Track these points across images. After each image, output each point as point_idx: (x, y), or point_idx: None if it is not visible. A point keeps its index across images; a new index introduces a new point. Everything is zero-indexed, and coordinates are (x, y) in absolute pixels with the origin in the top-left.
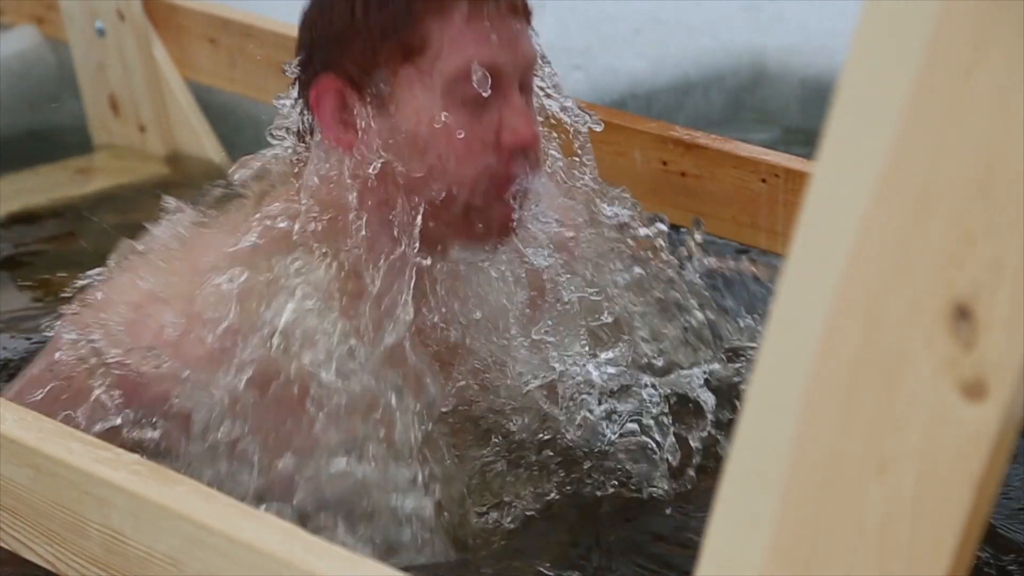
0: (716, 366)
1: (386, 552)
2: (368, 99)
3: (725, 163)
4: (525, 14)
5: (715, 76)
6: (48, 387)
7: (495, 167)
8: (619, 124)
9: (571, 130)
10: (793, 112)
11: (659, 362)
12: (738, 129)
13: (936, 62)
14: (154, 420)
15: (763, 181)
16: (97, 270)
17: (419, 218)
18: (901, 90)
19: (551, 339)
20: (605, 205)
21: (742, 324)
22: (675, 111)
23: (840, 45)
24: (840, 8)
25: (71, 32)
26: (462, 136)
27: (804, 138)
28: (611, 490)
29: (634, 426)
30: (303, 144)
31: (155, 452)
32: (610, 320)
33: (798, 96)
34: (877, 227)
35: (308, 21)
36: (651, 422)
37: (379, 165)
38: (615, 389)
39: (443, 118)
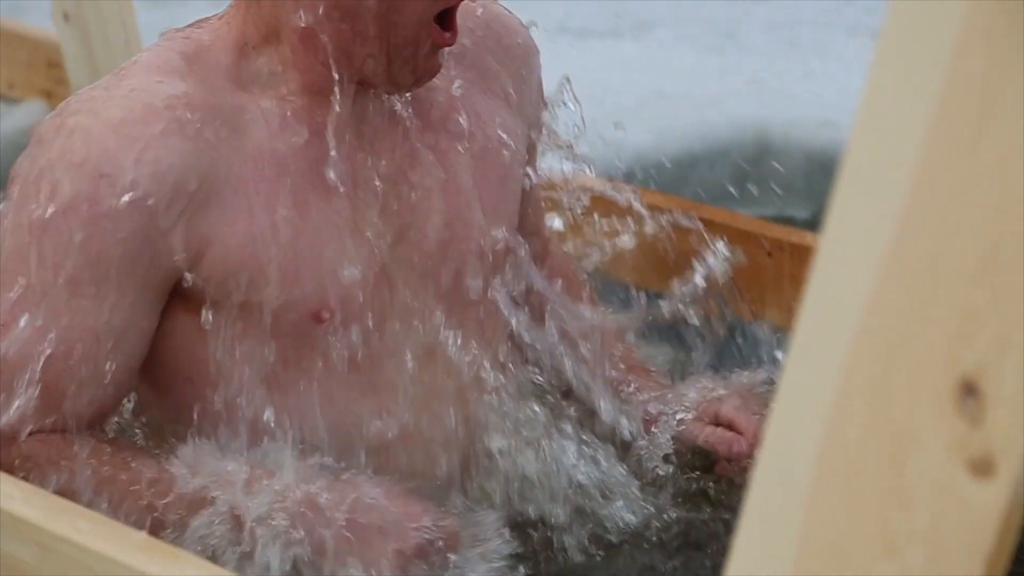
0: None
1: None
2: None
3: (730, 236)
4: None
5: (720, 150)
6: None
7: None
8: (623, 197)
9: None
10: (799, 186)
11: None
12: (744, 203)
13: (940, 137)
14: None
15: (769, 255)
16: None
17: (356, 52)
18: (906, 165)
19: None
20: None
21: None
22: (680, 184)
23: (845, 119)
24: (845, 83)
25: None
26: None
27: (810, 212)
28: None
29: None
30: None
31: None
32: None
33: (803, 170)
34: (883, 302)
35: None
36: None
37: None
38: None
39: None
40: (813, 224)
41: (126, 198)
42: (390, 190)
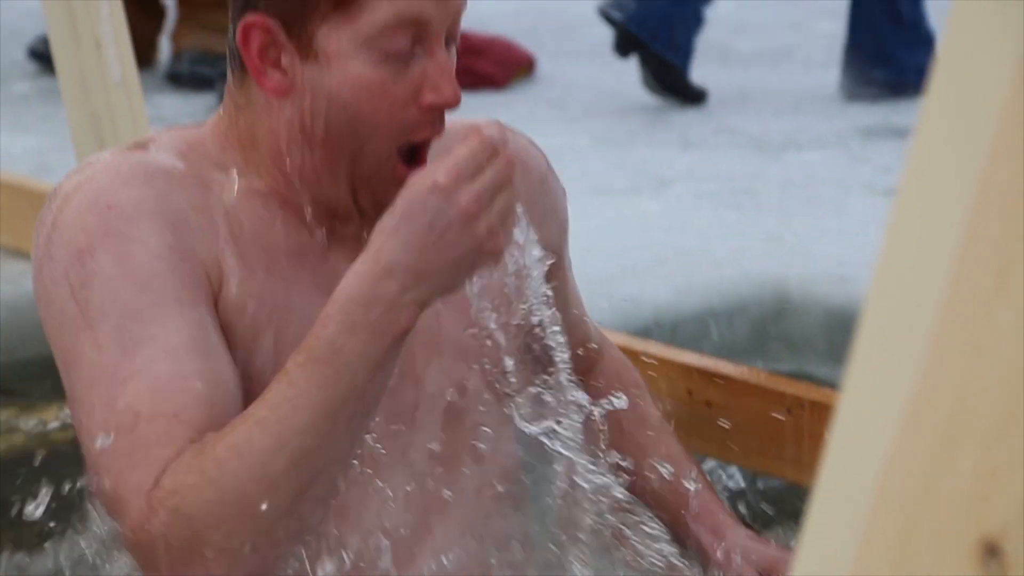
0: None
1: None
2: (293, 44)
3: (750, 393)
4: None
5: (739, 306)
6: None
7: (410, 126)
8: (644, 353)
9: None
10: (817, 342)
11: None
12: (763, 359)
13: (958, 295)
14: None
15: (788, 412)
16: None
17: (340, 171)
18: (924, 322)
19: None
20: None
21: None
22: (700, 340)
23: (863, 276)
24: (862, 240)
25: None
26: (384, 94)
27: (829, 369)
28: None
29: None
30: (232, 75)
31: None
32: None
33: (822, 326)
34: (903, 461)
35: None
36: None
37: (298, 112)
38: None
39: (365, 72)
40: (832, 381)
41: (142, 219)
42: None
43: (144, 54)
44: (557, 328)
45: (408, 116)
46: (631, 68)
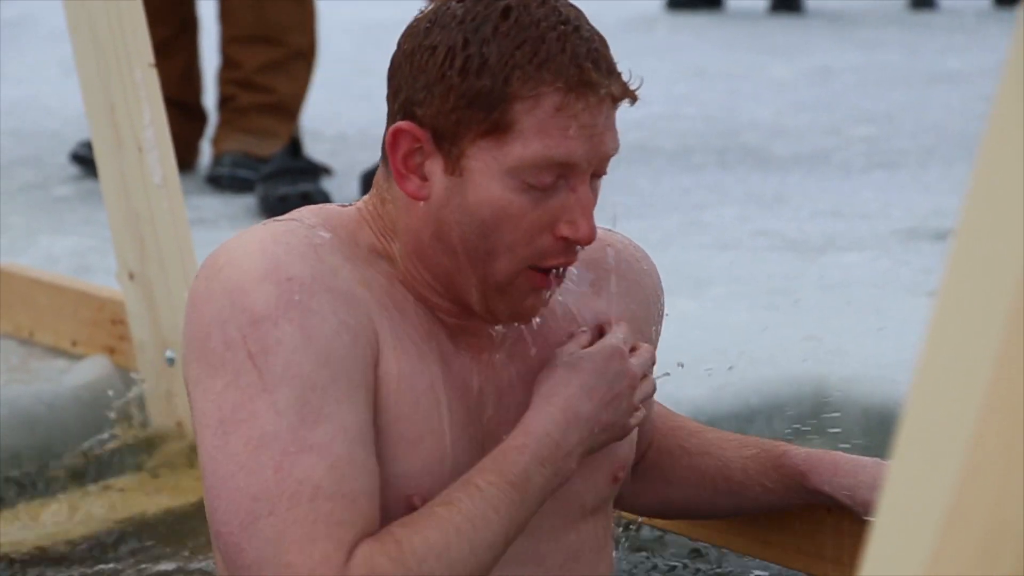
0: None
1: None
2: (440, 156)
3: None
4: (624, 98)
5: (777, 405)
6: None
7: (542, 252)
8: None
9: None
10: (857, 441)
11: None
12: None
13: (998, 396)
14: None
15: (828, 510)
16: None
17: (469, 283)
18: (965, 424)
19: None
20: None
21: None
22: None
23: (903, 377)
24: (902, 341)
25: (141, 361)
26: (520, 219)
27: None
28: None
29: None
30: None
31: None
32: None
33: (861, 426)
34: (943, 565)
35: (405, 53)
36: None
37: (434, 218)
38: None
39: (505, 195)
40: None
41: (320, 293)
42: (491, 410)
43: (185, 157)
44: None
45: (542, 243)
46: (665, 169)
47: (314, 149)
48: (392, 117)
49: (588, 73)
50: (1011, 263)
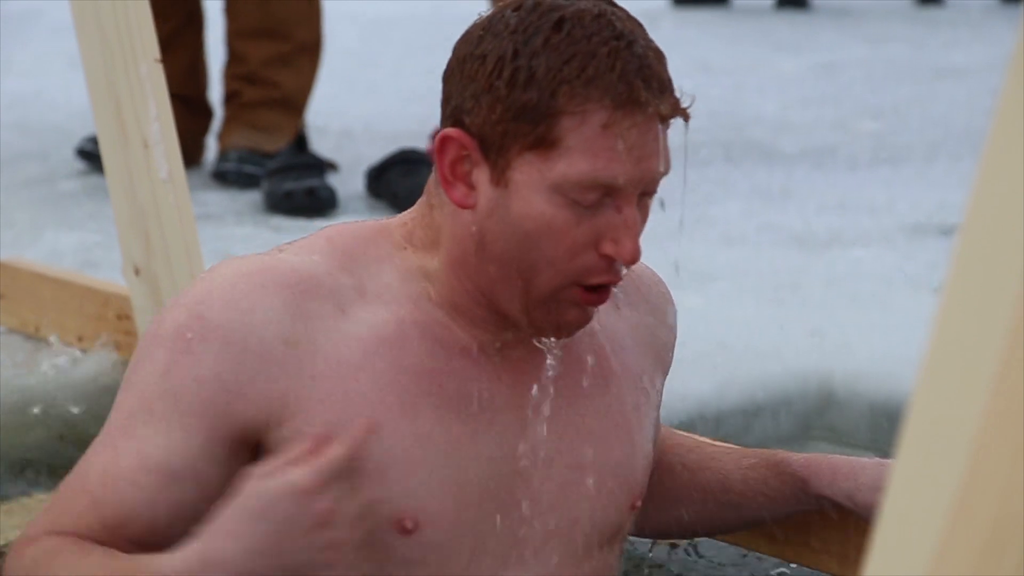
0: None
1: None
2: (487, 165)
3: None
4: (674, 116)
5: (783, 400)
6: None
7: (586, 269)
8: None
9: None
10: (862, 436)
11: None
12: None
13: (1004, 390)
14: None
15: (832, 505)
16: None
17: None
18: (970, 419)
19: None
20: None
21: None
22: (743, 434)
23: (908, 372)
24: (908, 336)
25: None
26: (564, 235)
27: None
28: None
29: None
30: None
31: None
32: None
33: (867, 421)
34: (949, 559)
35: (458, 59)
36: None
37: (479, 228)
38: None
39: (549, 210)
40: None
41: (214, 343)
42: (506, 432)
43: (191, 153)
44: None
45: (586, 260)
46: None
47: (320, 144)
48: (443, 123)
49: (637, 91)
50: (1017, 258)
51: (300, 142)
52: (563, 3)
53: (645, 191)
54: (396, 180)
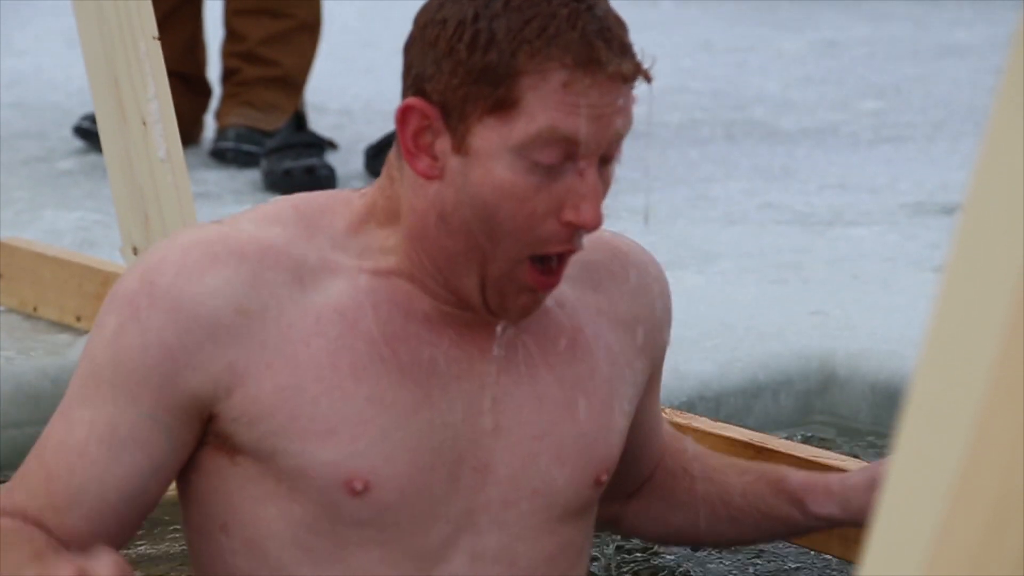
0: None
1: None
2: (450, 133)
3: (795, 467)
4: (636, 78)
5: (784, 380)
6: None
7: (546, 238)
8: (687, 426)
9: None
10: (864, 417)
11: None
12: (808, 433)
13: (1006, 370)
14: None
15: None
16: None
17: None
18: (972, 398)
19: None
20: None
21: None
22: (744, 414)
23: (910, 352)
24: (910, 316)
25: None
26: (524, 202)
27: (875, 442)
28: None
29: None
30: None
31: None
32: None
33: (869, 400)
34: (950, 538)
35: (419, 27)
36: None
37: (440, 199)
38: None
39: (508, 176)
40: (879, 455)
41: (162, 310)
42: (464, 399)
43: (189, 131)
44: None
45: (545, 228)
46: (672, 143)
47: (319, 123)
48: (404, 93)
49: (598, 50)
50: (1019, 237)
51: (299, 120)
52: None
53: (606, 154)
54: None
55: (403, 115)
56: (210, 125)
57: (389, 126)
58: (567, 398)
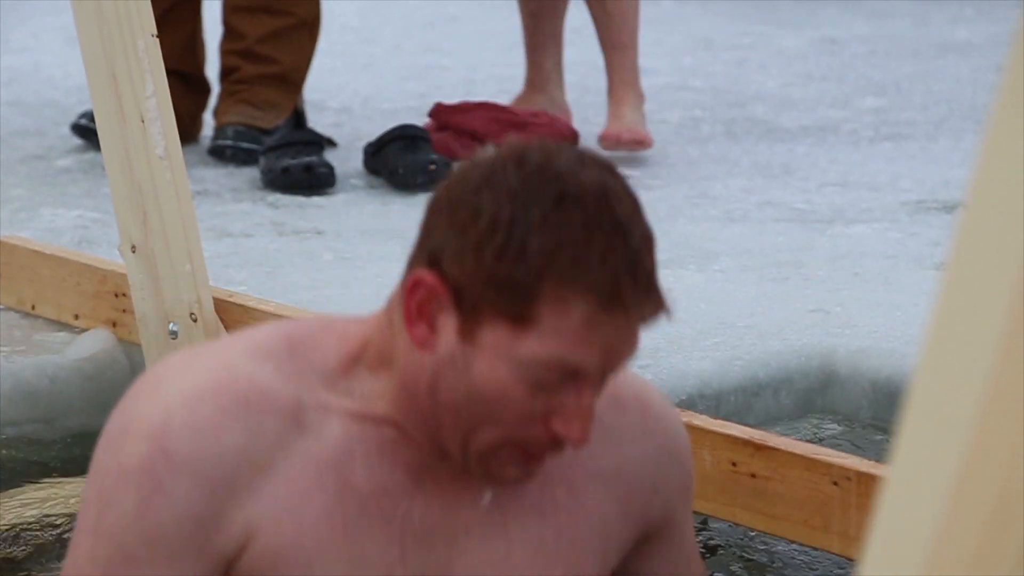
0: None
1: None
2: (456, 316)
3: (796, 465)
4: (655, 317)
5: (784, 378)
6: None
7: (531, 439)
8: (688, 424)
9: None
10: (864, 414)
11: None
12: (808, 431)
13: (1007, 367)
14: None
15: (835, 484)
16: None
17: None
18: (973, 396)
19: None
20: None
21: None
22: (744, 412)
23: (911, 349)
24: (911, 314)
25: (144, 335)
26: (518, 406)
27: (876, 441)
28: None
29: None
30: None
31: None
32: None
33: (869, 398)
34: (951, 536)
35: (451, 200)
36: None
37: (433, 369)
38: None
39: (509, 381)
40: (879, 453)
41: (184, 477)
42: (438, 557)
43: (188, 129)
44: None
45: (532, 431)
46: (672, 140)
47: (317, 120)
48: (419, 254)
49: (624, 291)
50: (1020, 235)
51: (298, 118)
52: (567, 169)
53: (607, 375)
54: (394, 156)
55: (413, 286)
56: (209, 123)
57: (388, 124)
58: (534, 559)
